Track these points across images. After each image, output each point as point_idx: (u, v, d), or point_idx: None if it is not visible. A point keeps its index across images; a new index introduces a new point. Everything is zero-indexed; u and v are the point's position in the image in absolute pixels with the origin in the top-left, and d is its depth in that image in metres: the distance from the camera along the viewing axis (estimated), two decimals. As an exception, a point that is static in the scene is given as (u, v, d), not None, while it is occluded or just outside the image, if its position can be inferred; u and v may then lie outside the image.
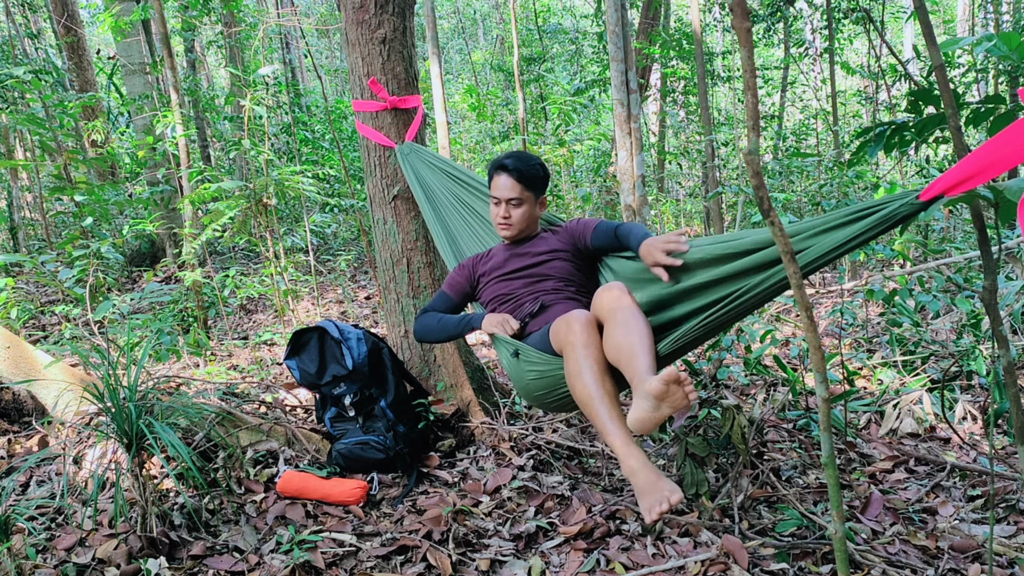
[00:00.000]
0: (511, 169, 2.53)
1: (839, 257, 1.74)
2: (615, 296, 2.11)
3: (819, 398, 1.48)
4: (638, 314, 2.07)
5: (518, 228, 2.58)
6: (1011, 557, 2.28)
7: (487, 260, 2.69)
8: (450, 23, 18.10)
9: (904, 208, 1.56)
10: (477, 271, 2.70)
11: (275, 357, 4.63)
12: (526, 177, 2.53)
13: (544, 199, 2.64)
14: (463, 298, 2.75)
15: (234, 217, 4.52)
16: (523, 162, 2.55)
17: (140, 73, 7.24)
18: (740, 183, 7.97)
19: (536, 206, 2.61)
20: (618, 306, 2.08)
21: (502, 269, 2.62)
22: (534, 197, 2.59)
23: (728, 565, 2.27)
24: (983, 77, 8.57)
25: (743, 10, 1.34)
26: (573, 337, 2.07)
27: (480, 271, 2.69)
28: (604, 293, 2.15)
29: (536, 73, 9.84)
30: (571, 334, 2.08)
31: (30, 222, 8.72)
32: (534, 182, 2.56)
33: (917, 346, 4.09)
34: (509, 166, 2.54)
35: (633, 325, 2.02)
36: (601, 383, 2.02)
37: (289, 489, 2.74)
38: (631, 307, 2.08)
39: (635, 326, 2.02)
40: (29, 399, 3.29)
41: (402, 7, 3.15)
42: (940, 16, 14.54)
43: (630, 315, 2.05)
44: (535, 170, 2.56)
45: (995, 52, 1.68)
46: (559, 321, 2.16)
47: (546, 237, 2.63)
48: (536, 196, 2.60)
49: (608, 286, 2.17)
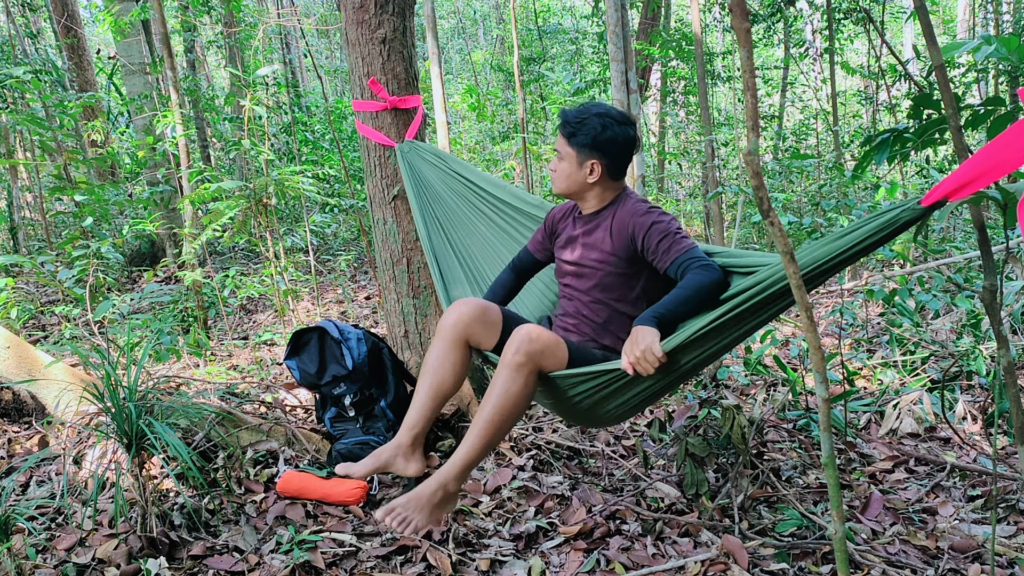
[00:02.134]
0: (563, 118, 2.21)
1: (843, 267, 1.74)
2: (509, 349, 2.01)
3: (819, 398, 1.48)
4: (503, 387, 2.00)
5: (560, 186, 2.24)
6: (1011, 557, 2.28)
7: (566, 219, 2.38)
8: (450, 23, 18.09)
9: (907, 214, 1.56)
10: (556, 228, 2.42)
11: (275, 357, 4.63)
12: (571, 130, 2.17)
13: (596, 165, 2.17)
14: (544, 254, 2.48)
15: (234, 217, 4.52)
16: (579, 112, 2.18)
17: (140, 73, 7.24)
18: (740, 183, 7.97)
19: (581, 169, 2.19)
20: (501, 364, 2.03)
21: (565, 248, 2.34)
22: (576, 157, 2.18)
23: (728, 565, 2.27)
24: (983, 77, 8.57)
25: (743, 10, 1.34)
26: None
27: (558, 229, 2.40)
28: (514, 336, 2.04)
29: (536, 73, 9.83)
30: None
31: (30, 222, 8.72)
32: (580, 137, 2.16)
33: (917, 346, 4.09)
34: (563, 115, 2.21)
35: (487, 402, 2.02)
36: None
37: (289, 489, 2.74)
38: (505, 373, 2.00)
39: (486, 403, 2.02)
40: (29, 399, 3.29)
41: (402, 7, 3.15)
42: (940, 16, 14.54)
43: (497, 385, 2.02)
44: (588, 124, 2.14)
45: (995, 55, 1.68)
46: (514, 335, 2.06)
47: (607, 226, 2.22)
48: (580, 156, 2.17)
49: (518, 331, 2.04)
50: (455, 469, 2.01)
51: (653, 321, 1.96)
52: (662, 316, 1.97)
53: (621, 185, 2.26)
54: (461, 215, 2.99)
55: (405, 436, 2.21)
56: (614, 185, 2.23)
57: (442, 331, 2.24)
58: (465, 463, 2.01)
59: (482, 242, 2.93)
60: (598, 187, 2.21)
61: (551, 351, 2.05)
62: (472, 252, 2.95)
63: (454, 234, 3.01)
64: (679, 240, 2.09)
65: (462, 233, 2.99)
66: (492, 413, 2.01)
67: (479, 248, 2.94)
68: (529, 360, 2.00)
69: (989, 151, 1.34)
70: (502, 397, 2.00)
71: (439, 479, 2.00)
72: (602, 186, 2.21)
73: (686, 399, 3.41)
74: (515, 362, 1.99)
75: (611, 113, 2.15)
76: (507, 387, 2.00)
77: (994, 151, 1.33)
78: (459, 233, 3.00)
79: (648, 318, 1.97)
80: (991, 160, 1.34)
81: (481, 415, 2.02)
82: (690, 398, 3.38)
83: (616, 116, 2.15)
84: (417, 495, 1.97)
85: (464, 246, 2.97)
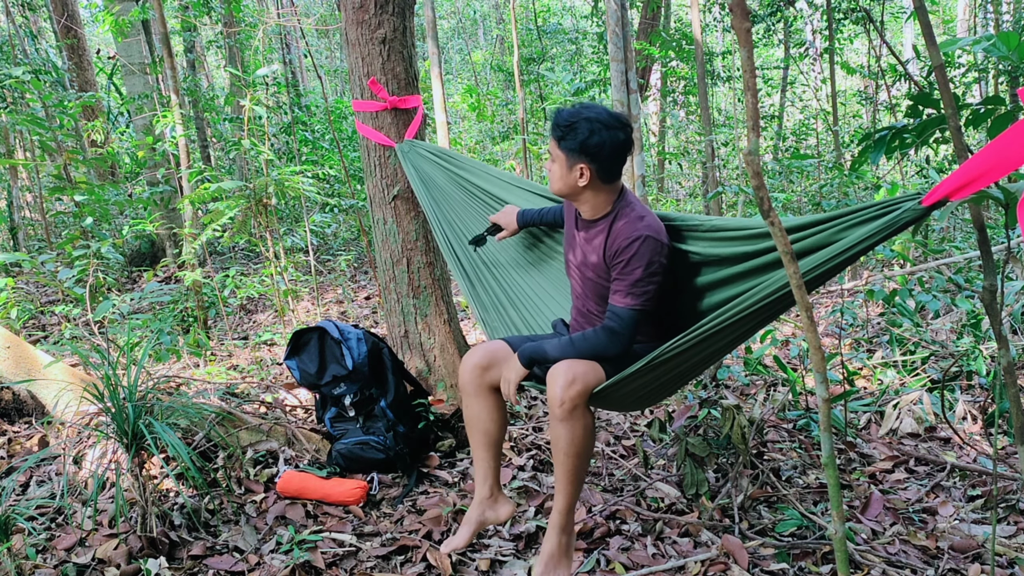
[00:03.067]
0: (554, 120, 2.17)
1: (843, 267, 1.74)
2: (555, 402, 2.05)
3: (819, 398, 1.48)
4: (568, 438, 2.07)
5: (555, 187, 2.20)
6: (1011, 557, 2.28)
7: (569, 216, 2.37)
8: (450, 23, 18.09)
9: (907, 214, 1.55)
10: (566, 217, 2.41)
11: (275, 357, 4.63)
12: (560, 133, 2.13)
13: (585, 169, 2.11)
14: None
15: (234, 217, 4.52)
16: (569, 115, 2.13)
17: (140, 73, 7.24)
18: (740, 183, 7.97)
19: (571, 172, 2.13)
20: (553, 418, 2.09)
21: (568, 245, 2.36)
22: (565, 160, 2.13)
23: (728, 565, 2.27)
24: (983, 77, 8.57)
25: (743, 10, 1.34)
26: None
27: (567, 219, 2.39)
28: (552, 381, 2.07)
29: (536, 73, 9.84)
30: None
31: (30, 222, 8.73)
32: (568, 141, 2.11)
33: (917, 346, 4.09)
34: (555, 117, 2.17)
35: (559, 454, 2.10)
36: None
37: (289, 489, 2.74)
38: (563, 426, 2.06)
39: (560, 455, 2.10)
40: (29, 399, 3.29)
41: (402, 7, 3.15)
42: (940, 16, 14.54)
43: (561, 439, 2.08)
44: (576, 128, 2.09)
45: (994, 52, 1.68)
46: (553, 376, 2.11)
47: (602, 242, 2.19)
48: (568, 160, 2.12)
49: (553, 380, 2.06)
50: (562, 518, 2.14)
51: (526, 360, 2.16)
52: (534, 359, 2.17)
53: (617, 187, 2.21)
54: (471, 210, 2.97)
55: (484, 491, 2.33)
56: (608, 188, 2.18)
57: (464, 388, 2.33)
58: (567, 508, 2.14)
59: None
60: (589, 191, 2.17)
61: (589, 379, 2.08)
62: (492, 247, 2.92)
63: (469, 229, 2.98)
64: (629, 292, 2.09)
65: (476, 227, 2.96)
66: (569, 462, 2.09)
67: (496, 243, 2.91)
68: (576, 403, 2.05)
69: (989, 151, 1.33)
70: (571, 445, 2.07)
71: (556, 531, 2.14)
72: (593, 189, 2.16)
73: (686, 399, 3.41)
74: (565, 411, 2.04)
75: (601, 117, 2.10)
76: (571, 436, 2.06)
77: (994, 151, 1.33)
78: (474, 228, 2.97)
79: (526, 356, 2.17)
80: (991, 160, 1.34)
81: (561, 468, 2.10)
82: (690, 398, 3.38)
83: (606, 120, 2.10)
84: (548, 554, 2.13)
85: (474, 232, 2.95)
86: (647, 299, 2.08)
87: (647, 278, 2.08)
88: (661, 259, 2.09)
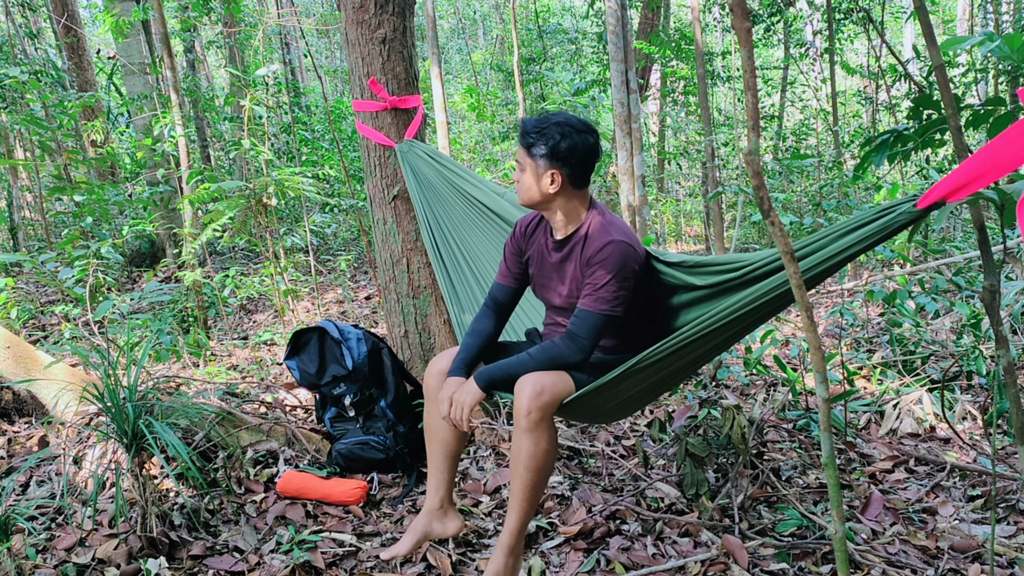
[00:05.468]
0: (522, 128, 2.13)
1: (839, 268, 1.75)
2: (520, 412, 1.99)
3: (819, 398, 1.48)
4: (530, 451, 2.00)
5: (524, 197, 2.14)
6: (1011, 557, 2.28)
7: (532, 242, 2.30)
8: (450, 23, 18.10)
9: (903, 216, 1.55)
10: (526, 248, 2.32)
11: (275, 357, 4.63)
12: (530, 140, 2.09)
13: (557, 175, 2.07)
14: (519, 281, 2.34)
15: (234, 217, 4.52)
16: (538, 122, 2.10)
17: (140, 73, 7.24)
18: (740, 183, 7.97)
19: (542, 179, 2.08)
20: (517, 428, 2.01)
21: (537, 270, 2.29)
22: (536, 167, 2.08)
23: (728, 565, 2.27)
24: (983, 77, 8.57)
25: (743, 10, 1.34)
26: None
27: (528, 246, 2.31)
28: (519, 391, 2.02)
29: (536, 73, 9.83)
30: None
31: (30, 222, 8.73)
32: (539, 147, 2.08)
33: (917, 346, 4.09)
34: (523, 124, 2.13)
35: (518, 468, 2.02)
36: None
37: (289, 489, 2.74)
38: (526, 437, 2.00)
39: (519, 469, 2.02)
40: (29, 399, 3.29)
41: (402, 7, 3.15)
42: (940, 16, 14.54)
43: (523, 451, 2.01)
44: (547, 134, 2.06)
45: (997, 53, 1.68)
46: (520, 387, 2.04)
47: (576, 261, 2.15)
48: (540, 167, 2.08)
49: (521, 389, 2.01)
50: (512, 538, 2.05)
51: (484, 383, 2.07)
52: (494, 380, 2.08)
53: (587, 197, 2.18)
54: (462, 214, 2.99)
55: (433, 501, 2.26)
56: (578, 195, 2.15)
57: (429, 393, 2.25)
58: (518, 528, 2.06)
59: (485, 241, 2.92)
60: (561, 198, 2.12)
61: (558, 389, 2.03)
62: (476, 252, 2.94)
63: (457, 233, 3.00)
64: (597, 296, 2.05)
65: (465, 232, 2.98)
66: (529, 476, 2.01)
67: (482, 247, 2.92)
68: (543, 414, 2.00)
69: (987, 152, 1.33)
70: (532, 459, 1.99)
71: (503, 552, 2.05)
72: (565, 196, 2.12)
73: (686, 399, 3.41)
74: (532, 422, 1.98)
75: (571, 122, 2.09)
76: (533, 449, 1.99)
77: (993, 152, 1.33)
78: (462, 232, 2.99)
79: (484, 378, 2.07)
80: (990, 160, 1.34)
81: (519, 481, 2.01)
82: (690, 398, 3.38)
83: (576, 124, 2.09)
84: (494, 572, 2.04)
85: (467, 245, 2.97)
86: (616, 304, 2.03)
87: (617, 283, 2.03)
88: (634, 266, 2.05)
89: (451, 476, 2.28)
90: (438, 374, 2.23)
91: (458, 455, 2.28)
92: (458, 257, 2.98)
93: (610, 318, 2.04)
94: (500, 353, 2.30)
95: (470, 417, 2.07)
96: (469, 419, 2.07)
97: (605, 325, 2.04)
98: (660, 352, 1.94)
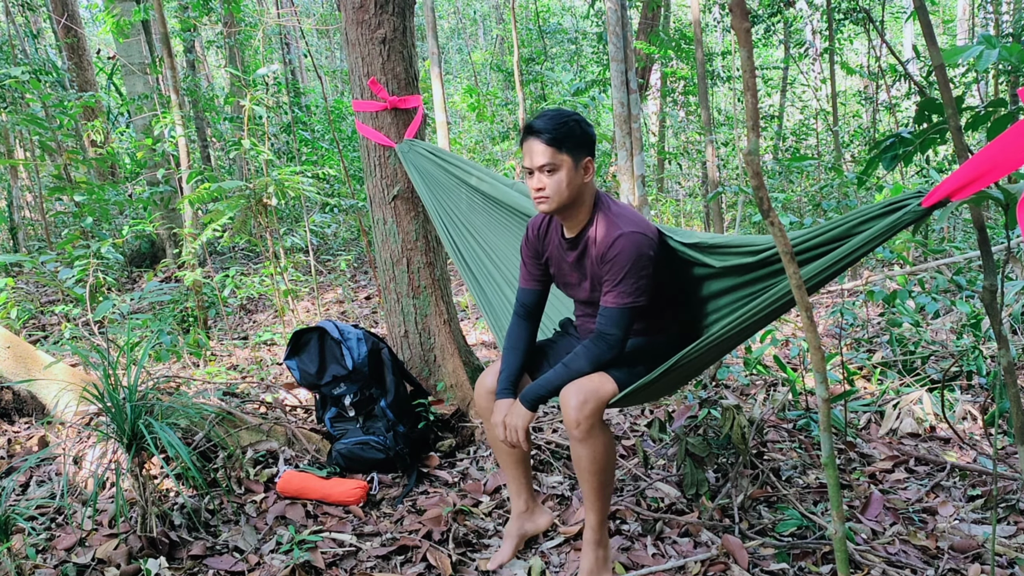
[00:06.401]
0: (539, 131, 2.09)
1: (843, 270, 1.75)
2: (571, 424, 2.07)
3: (819, 398, 1.48)
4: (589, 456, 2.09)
5: (557, 200, 2.10)
6: (1011, 557, 2.28)
7: (547, 243, 2.31)
8: (450, 23, 18.10)
9: (907, 216, 1.56)
10: (543, 250, 2.33)
11: (275, 357, 4.63)
12: (558, 137, 2.07)
13: (589, 162, 2.12)
14: (542, 283, 2.36)
15: (234, 217, 4.52)
16: (554, 119, 2.09)
17: (140, 73, 7.24)
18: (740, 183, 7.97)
19: (578, 171, 2.10)
20: (573, 440, 2.11)
21: (556, 268, 2.30)
22: (572, 161, 2.09)
23: (728, 565, 2.27)
24: (983, 77, 8.56)
25: (743, 10, 1.34)
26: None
27: (544, 248, 2.32)
28: (565, 404, 2.08)
29: (536, 73, 9.84)
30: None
31: (30, 222, 8.73)
32: (569, 141, 2.08)
33: (917, 346, 4.09)
34: (537, 127, 2.10)
35: (583, 472, 2.13)
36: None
37: (289, 489, 2.74)
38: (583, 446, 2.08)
39: (584, 474, 2.12)
40: (29, 399, 3.29)
41: (402, 7, 3.15)
42: (940, 16, 14.54)
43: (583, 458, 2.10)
44: (569, 127, 2.08)
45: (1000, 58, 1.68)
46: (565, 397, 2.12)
47: (590, 257, 2.16)
48: (575, 159, 2.09)
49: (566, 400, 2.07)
50: (595, 533, 2.19)
51: (531, 403, 2.15)
52: (540, 397, 2.16)
53: (593, 187, 2.21)
54: (475, 208, 2.99)
55: (519, 505, 2.44)
56: (593, 184, 2.20)
57: (482, 413, 2.38)
58: (599, 523, 2.19)
59: (502, 230, 2.92)
60: (589, 188, 2.16)
61: (601, 393, 2.09)
62: (494, 242, 2.94)
63: (472, 225, 3.00)
64: (620, 291, 2.07)
65: (480, 223, 2.98)
66: (595, 479, 2.12)
67: (500, 238, 2.93)
68: (592, 422, 2.07)
69: (989, 151, 1.34)
70: (594, 463, 2.10)
71: (591, 547, 2.20)
72: (591, 185, 2.17)
73: (686, 399, 3.41)
74: (583, 432, 2.06)
75: (571, 112, 2.17)
76: (592, 455, 2.08)
77: (994, 151, 1.33)
78: (476, 224, 2.98)
79: (530, 399, 2.15)
80: (991, 160, 1.34)
81: (587, 485, 2.13)
82: (690, 398, 3.38)
83: (574, 114, 2.16)
84: (587, 571, 2.19)
85: (484, 237, 2.96)
86: (638, 295, 2.07)
87: (635, 275, 2.05)
88: (648, 252, 2.06)
89: (527, 479, 2.44)
90: (487, 394, 2.33)
91: (527, 459, 2.44)
92: (476, 250, 3.01)
93: (635, 309, 2.08)
94: (539, 357, 2.39)
95: (526, 437, 2.17)
96: (526, 438, 2.17)
97: (632, 317, 2.09)
98: (698, 349, 1.98)
